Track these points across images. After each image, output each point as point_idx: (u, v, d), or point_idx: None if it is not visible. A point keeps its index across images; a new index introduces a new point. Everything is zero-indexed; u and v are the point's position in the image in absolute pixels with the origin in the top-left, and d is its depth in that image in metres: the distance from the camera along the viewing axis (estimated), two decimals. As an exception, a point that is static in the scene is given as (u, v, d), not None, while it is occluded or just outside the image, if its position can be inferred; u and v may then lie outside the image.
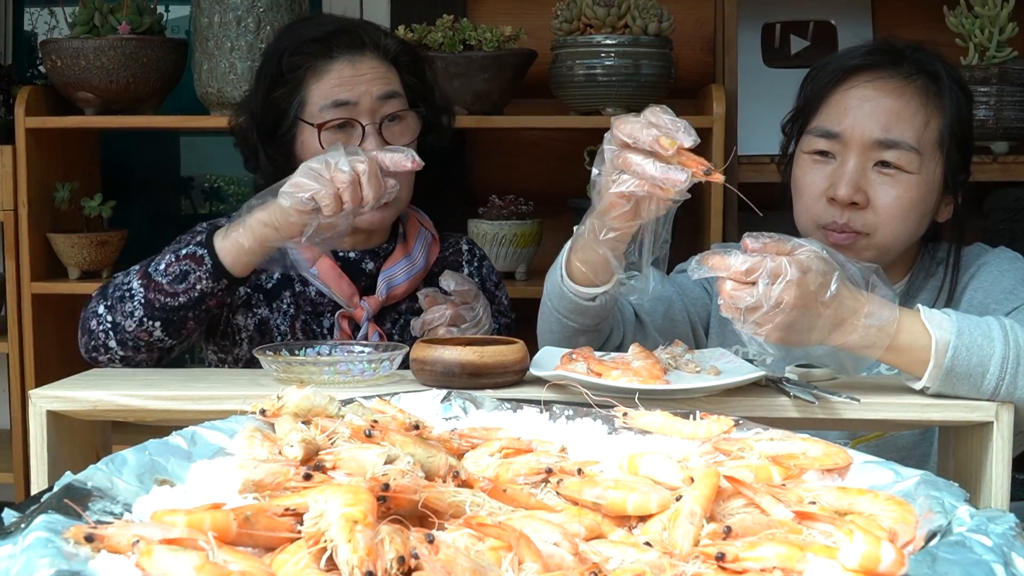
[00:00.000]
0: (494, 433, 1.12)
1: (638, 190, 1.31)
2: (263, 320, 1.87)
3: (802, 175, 1.69)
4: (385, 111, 1.82)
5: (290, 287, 1.89)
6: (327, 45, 1.82)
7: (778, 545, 0.80)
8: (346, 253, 1.90)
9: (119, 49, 2.57)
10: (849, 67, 1.67)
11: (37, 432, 1.32)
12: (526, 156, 3.01)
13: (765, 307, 1.24)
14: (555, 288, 1.52)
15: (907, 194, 1.62)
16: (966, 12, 2.54)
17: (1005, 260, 1.69)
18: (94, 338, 1.70)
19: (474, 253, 2.05)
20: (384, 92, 1.82)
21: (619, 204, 1.34)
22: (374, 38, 1.86)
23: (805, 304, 1.25)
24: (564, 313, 1.52)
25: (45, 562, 0.74)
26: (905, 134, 1.62)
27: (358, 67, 1.82)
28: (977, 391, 1.31)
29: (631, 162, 1.31)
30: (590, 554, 0.85)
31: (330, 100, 1.80)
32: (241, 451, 1.02)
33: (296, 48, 1.84)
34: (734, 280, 1.25)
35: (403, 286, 1.89)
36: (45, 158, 2.71)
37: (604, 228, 1.37)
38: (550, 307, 1.55)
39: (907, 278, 1.73)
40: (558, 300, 1.52)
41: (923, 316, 1.32)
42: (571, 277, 1.49)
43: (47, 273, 2.72)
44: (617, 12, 2.55)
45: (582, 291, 1.48)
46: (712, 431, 1.12)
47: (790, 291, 1.23)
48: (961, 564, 0.78)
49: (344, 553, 0.76)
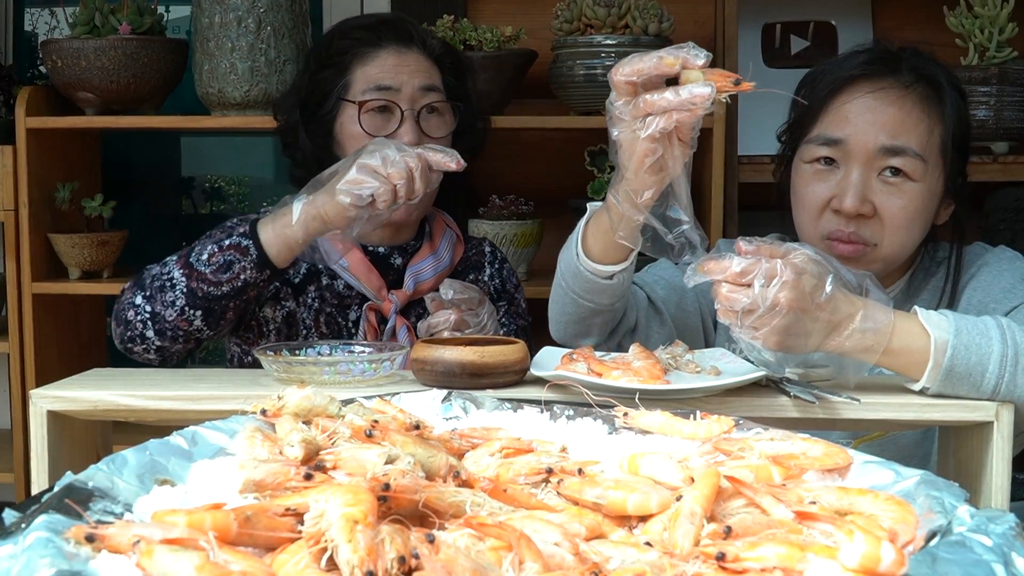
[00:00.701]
0: (494, 433, 1.12)
1: (668, 124, 1.27)
2: (290, 313, 1.90)
3: (803, 186, 1.67)
4: (425, 101, 1.88)
5: (316, 281, 1.92)
6: (376, 33, 1.90)
7: (778, 545, 0.80)
8: (375, 248, 1.93)
9: (120, 49, 2.57)
10: (847, 77, 1.66)
11: (37, 432, 1.32)
12: (526, 156, 3.01)
13: (761, 309, 1.24)
14: (570, 268, 1.50)
15: (912, 203, 1.62)
16: (966, 12, 2.54)
17: (1004, 259, 1.69)
18: (131, 328, 1.72)
19: (496, 255, 2.09)
20: (425, 84, 1.89)
21: (652, 152, 1.30)
22: (421, 35, 1.93)
23: (801, 306, 1.24)
24: (580, 293, 1.51)
25: (46, 562, 0.74)
26: (911, 141, 1.61)
27: (403, 58, 1.89)
28: (977, 390, 1.31)
29: (650, 100, 1.27)
30: (591, 554, 0.85)
31: (374, 83, 1.87)
32: (242, 451, 1.02)
33: (345, 33, 1.93)
34: (729, 283, 1.25)
35: (430, 281, 1.93)
36: (46, 158, 2.71)
37: (639, 188, 1.33)
38: (564, 288, 1.53)
39: (906, 278, 1.73)
40: (573, 280, 1.51)
41: (920, 317, 1.32)
42: (588, 255, 1.48)
43: (48, 273, 2.72)
44: (617, 12, 2.55)
45: (600, 268, 1.47)
46: (712, 431, 1.12)
47: (785, 292, 1.23)
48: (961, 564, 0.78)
49: (345, 553, 0.76)
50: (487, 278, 2.04)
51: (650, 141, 1.29)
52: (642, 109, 1.28)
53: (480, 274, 2.03)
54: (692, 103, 1.26)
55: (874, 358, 1.31)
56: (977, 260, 1.71)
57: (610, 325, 1.56)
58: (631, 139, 1.31)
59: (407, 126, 1.86)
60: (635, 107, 1.29)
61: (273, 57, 2.53)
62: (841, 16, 2.87)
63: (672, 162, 1.31)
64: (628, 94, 1.30)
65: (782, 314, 1.24)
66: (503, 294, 2.04)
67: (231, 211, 3.49)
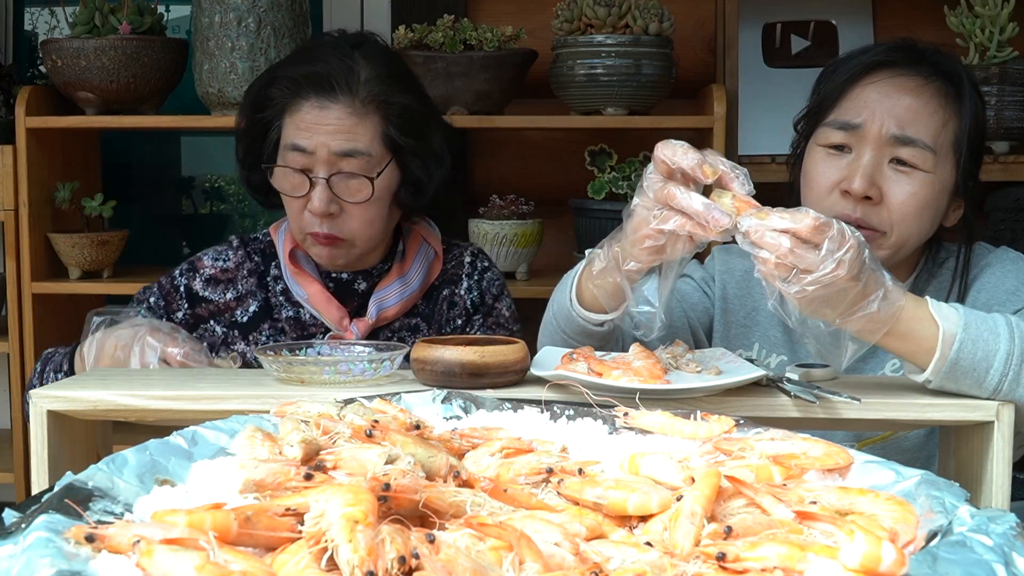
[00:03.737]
0: (495, 433, 1.12)
1: (679, 230, 1.26)
2: (242, 355, 1.87)
3: (813, 167, 1.67)
4: (341, 167, 1.76)
5: (270, 317, 1.90)
6: (296, 86, 1.77)
7: (779, 545, 0.80)
8: (339, 274, 1.89)
9: (120, 49, 2.57)
10: (870, 63, 1.66)
11: (37, 432, 1.32)
12: (526, 156, 3.01)
13: (819, 272, 1.20)
14: (563, 310, 1.50)
15: (921, 192, 1.61)
16: (966, 12, 2.54)
17: (1008, 260, 1.69)
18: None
19: (475, 266, 1.98)
20: (343, 149, 1.76)
21: (654, 238, 1.29)
22: (349, 84, 1.76)
23: (854, 277, 1.22)
24: (569, 334, 1.51)
25: (46, 562, 0.74)
26: (921, 133, 1.61)
27: (324, 114, 1.76)
28: (979, 387, 1.31)
29: (675, 195, 1.25)
30: (591, 554, 0.85)
31: (291, 142, 1.78)
32: (242, 451, 1.02)
33: (270, 82, 1.82)
34: (800, 237, 1.20)
35: (394, 308, 1.88)
36: (46, 158, 2.71)
37: (629, 258, 1.33)
38: (555, 326, 1.53)
39: (911, 280, 1.72)
40: (565, 322, 1.50)
41: (931, 307, 1.31)
42: (580, 300, 1.47)
43: (47, 273, 2.72)
44: (618, 12, 2.55)
45: (591, 316, 1.47)
46: (713, 431, 1.12)
47: (848, 261, 1.20)
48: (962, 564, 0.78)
49: (345, 553, 0.76)
50: (463, 291, 1.95)
51: (657, 232, 1.28)
52: (664, 198, 1.27)
53: (456, 288, 1.95)
54: (707, 220, 1.24)
55: (876, 338, 1.29)
56: (980, 261, 1.71)
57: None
58: (644, 217, 1.29)
59: (318, 191, 1.76)
60: (660, 191, 1.27)
61: (273, 57, 2.53)
62: (841, 16, 2.87)
63: (671, 250, 1.30)
64: (663, 172, 1.28)
65: (835, 282, 1.21)
66: (480, 307, 1.96)
67: (231, 211, 3.49)
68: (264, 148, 1.84)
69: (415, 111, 1.82)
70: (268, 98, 1.81)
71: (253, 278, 1.92)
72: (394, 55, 1.92)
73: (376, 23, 2.96)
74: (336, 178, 1.77)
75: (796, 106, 1.77)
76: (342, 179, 1.77)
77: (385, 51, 1.88)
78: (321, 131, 1.75)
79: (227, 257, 1.94)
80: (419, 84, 1.90)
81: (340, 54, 1.79)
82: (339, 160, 1.76)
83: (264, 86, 1.83)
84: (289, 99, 1.78)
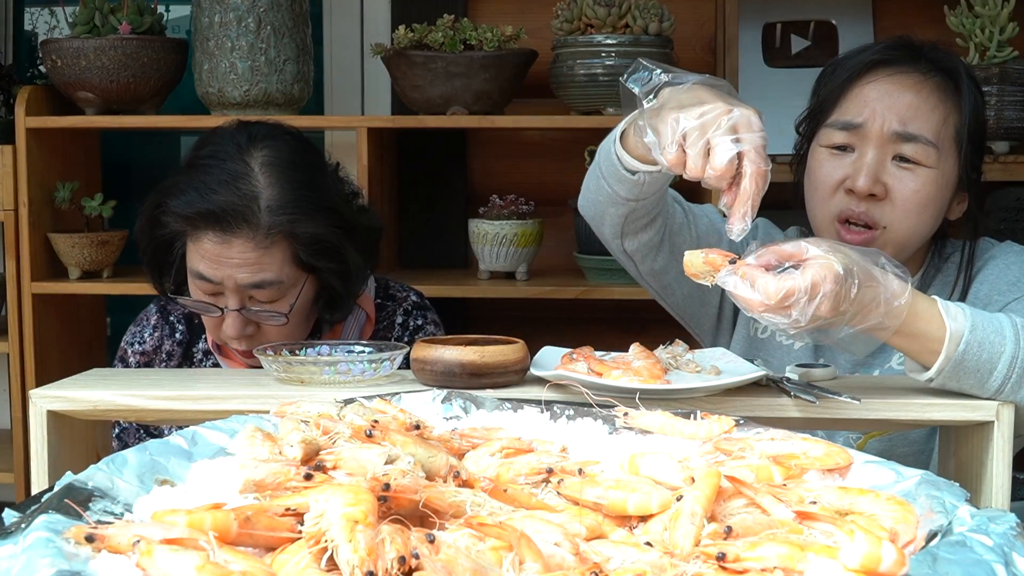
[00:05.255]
0: (495, 433, 1.12)
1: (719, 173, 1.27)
2: None
3: (818, 167, 1.68)
4: (253, 295, 1.67)
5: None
6: (191, 222, 1.65)
7: (779, 545, 0.80)
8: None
9: (119, 49, 2.57)
10: (868, 62, 1.67)
11: (37, 432, 1.32)
12: (526, 156, 3.01)
13: (803, 322, 1.22)
14: (606, 145, 1.53)
15: (925, 187, 1.62)
16: (966, 12, 2.54)
17: (1012, 253, 1.70)
18: None
19: (407, 326, 1.87)
20: (252, 282, 1.65)
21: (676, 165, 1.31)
22: (247, 218, 1.62)
23: (838, 310, 1.23)
24: (604, 173, 1.53)
25: (46, 562, 0.74)
26: (923, 128, 1.62)
27: (227, 248, 1.63)
28: (981, 388, 1.31)
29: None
30: (591, 554, 0.85)
31: (195, 270, 1.67)
32: (242, 451, 1.02)
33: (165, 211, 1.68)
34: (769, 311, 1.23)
35: None
36: (45, 158, 2.71)
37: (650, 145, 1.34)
38: (597, 160, 1.55)
39: (919, 276, 1.73)
40: (604, 157, 1.52)
41: (939, 306, 1.32)
42: (623, 143, 1.48)
43: (47, 273, 2.72)
44: (618, 12, 2.55)
45: (628, 160, 1.48)
46: (713, 431, 1.12)
47: (826, 304, 1.21)
48: (962, 564, 0.78)
49: (345, 553, 0.76)
50: None
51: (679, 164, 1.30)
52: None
53: None
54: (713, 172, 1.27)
55: (886, 336, 1.30)
56: (984, 254, 1.72)
57: (621, 226, 1.57)
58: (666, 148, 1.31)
59: (229, 321, 1.67)
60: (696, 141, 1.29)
61: (273, 57, 2.53)
62: (842, 16, 2.87)
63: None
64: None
65: (820, 320, 1.23)
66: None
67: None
68: (171, 258, 1.73)
69: (325, 238, 1.68)
70: (162, 224, 1.70)
71: (180, 349, 1.87)
72: (298, 150, 1.73)
73: (376, 23, 2.96)
74: (249, 304, 1.68)
75: (796, 106, 1.77)
76: (255, 304, 1.68)
77: (289, 155, 1.71)
78: (226, 264, 1.64)
79: (142, 340, 1.88)
80: (330, 189, 1.74)
81: (234, 175, 1.65)
82: (249, 290, 1.66)
83: (157, 212, 1.70)
84: (187, 228, 1.67)
